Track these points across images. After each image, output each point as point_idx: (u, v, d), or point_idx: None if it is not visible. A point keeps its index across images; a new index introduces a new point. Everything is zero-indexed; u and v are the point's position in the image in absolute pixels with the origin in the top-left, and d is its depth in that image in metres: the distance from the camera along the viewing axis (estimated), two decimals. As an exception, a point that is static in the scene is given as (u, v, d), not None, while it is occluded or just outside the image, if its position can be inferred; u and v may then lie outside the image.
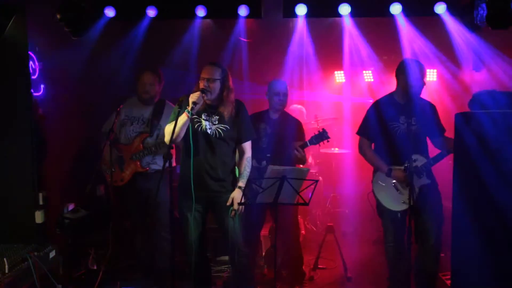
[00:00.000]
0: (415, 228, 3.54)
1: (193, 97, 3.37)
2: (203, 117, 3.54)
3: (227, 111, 3.52)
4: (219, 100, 3.54)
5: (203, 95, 3.40)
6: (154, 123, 4.23)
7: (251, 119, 4.13)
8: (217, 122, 3.54)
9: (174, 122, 3.37)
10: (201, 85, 3.47)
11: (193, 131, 3.50)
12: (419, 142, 3.83)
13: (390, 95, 3.98)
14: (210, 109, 3.55)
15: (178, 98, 3.46)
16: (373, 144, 4.04)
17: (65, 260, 3.94)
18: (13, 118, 3.82)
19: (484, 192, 3.16)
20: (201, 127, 3.52)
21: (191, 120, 3.46)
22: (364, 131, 4.02)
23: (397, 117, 3.84)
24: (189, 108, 3.33)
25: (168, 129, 3.45)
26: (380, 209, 3.97)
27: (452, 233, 3.36)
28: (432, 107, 3.91)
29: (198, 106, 3.37)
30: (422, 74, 3.82)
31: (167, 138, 3.47)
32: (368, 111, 4.02)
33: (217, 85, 3.48)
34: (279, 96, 4.16)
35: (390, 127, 3.85)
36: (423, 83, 3.83)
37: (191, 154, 3.46)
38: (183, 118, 3.37)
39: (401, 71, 3.85)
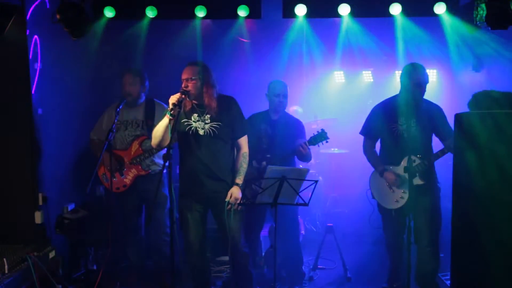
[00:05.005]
0: (413, 228, 3.58)
1: (172, 99, 3.34)
2: (193, 118, 3.52)
3: (210, 107, 3.49)
4: (204, 98, 3.50)
5: (183, 96, 3.36)
6: (149, 124, 4.18)
7: (251, 120, 4.15)
8: (209, 120, 3.52)
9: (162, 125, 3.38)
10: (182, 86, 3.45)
11: (184, 134, 3.50)
12: (417, 143, 3.85)
13: (393, 97, 4.05)
14: (200, 108, 3.53)
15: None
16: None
17: (65, 260, 3.94)
18: (13, 118, 3.82)
19: (484, 193, 3.15)
20: (191, 129, 3.51)
21: (181, 123, 3.46)
22: (365, 131, 4.12)
23: (397, 118, 3.90)
24: (169, 109, 3.31)
25: (155, 132, 3.44)
26: (379, 206, 4.11)
27: (452, 234, 3.36)
28: (439, 110, 3.94)
29: (179, 107, 3.31)
30: (423, 78, 3.83)
31: (153, 142, 3.47)
32: (370, 112, 4.11)
33: (196, 84, 3.44)
34: (278, 97, 4.15)
35: (388, 128, 3.94)
36: (424, 88, 3.85)
37: (187, 157, 3.49)
38: (164, 121, 3.36)
39: (403, 76, 3.92)
